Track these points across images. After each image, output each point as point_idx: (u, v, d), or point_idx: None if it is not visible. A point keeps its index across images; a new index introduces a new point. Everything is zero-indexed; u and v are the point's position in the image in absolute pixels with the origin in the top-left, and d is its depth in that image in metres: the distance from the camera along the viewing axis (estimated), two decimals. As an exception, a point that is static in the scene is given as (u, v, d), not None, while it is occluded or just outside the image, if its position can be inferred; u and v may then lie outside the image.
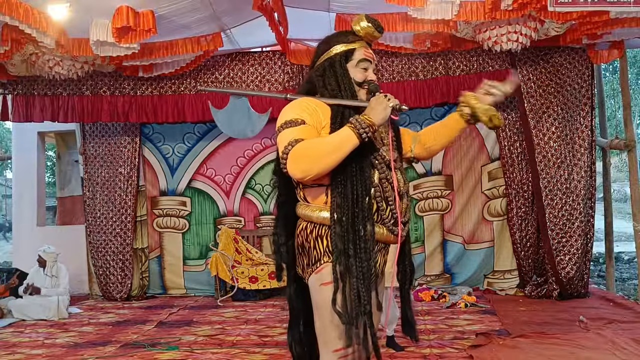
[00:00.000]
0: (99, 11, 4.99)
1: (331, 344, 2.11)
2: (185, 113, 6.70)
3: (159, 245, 7.61)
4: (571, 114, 6.20)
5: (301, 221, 2.22)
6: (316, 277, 2.14)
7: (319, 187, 2.17)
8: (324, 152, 2.04)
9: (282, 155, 2.08)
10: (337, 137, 2.07)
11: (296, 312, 2.34)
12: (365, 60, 2.28)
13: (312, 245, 2.16)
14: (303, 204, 2.22)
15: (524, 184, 6.59)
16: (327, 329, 2.11)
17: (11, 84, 6.64)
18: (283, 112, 2.19)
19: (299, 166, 2.04)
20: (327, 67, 2.28)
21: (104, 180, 7.26)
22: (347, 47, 2.29)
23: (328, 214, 2.13)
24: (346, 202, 2.10)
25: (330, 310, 2.07)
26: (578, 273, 6.08)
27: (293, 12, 5.48)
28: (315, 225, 2.17)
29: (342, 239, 2.09)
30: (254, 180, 7.59)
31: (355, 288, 2.06)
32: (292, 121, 2.12)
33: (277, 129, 2.15)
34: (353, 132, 2.05)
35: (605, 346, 4.14)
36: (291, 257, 2.30)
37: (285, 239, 2.29)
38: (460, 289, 6.46)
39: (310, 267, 2.16)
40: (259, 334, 5.18)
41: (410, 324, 2.42)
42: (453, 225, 7.17)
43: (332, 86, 2.24)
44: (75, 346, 4.99)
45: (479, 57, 6.36)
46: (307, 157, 2.04)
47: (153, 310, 6.55)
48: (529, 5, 4.70)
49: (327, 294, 2.09)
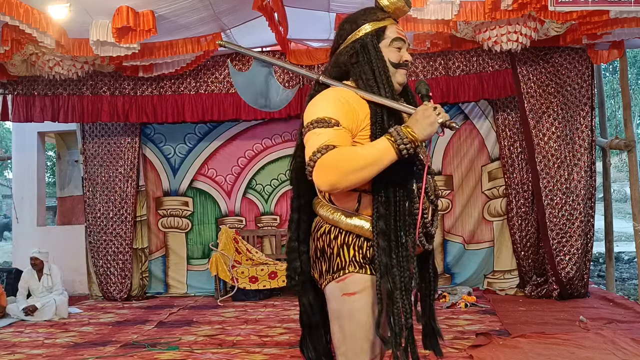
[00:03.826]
0: (99, 11, 4.99)
1: (355, 357, 1.96)
2: (185, 113, 6.72)
3: (164, 245, 7.63)
4: (571, 114, 6.20)
5: (322, 223, 2.03)
6: (338, 286, 1.96)
7: (350, 191, 1.95)
8: (356, 167, 1.80)
9: (309, 162, 1.84)
10: (374, 151, 1.83)
11: (315, 322, 2.13)
12: (399, 39, 2.05)
13: (336, 252, 1.96)
14: (327, 205, 2.01)
15: (524, 184, 6.59)
16: (348, 341, 1.96)
17: (11, 84, 6.64)
18: (315, 104, 1.96)
19: (327, 179, 1.80)
20: (359, 50, 2.03)
21: (104, 180, 7.26)
22: (377, 25, 2.05)
23: (359, 222, 1.95)
24: (389, 212, 1.91)
25: (354, 323, 1.94)
26: (578, 273, 6.08)
27: (293, 12, 5.49)
28: (340, 232, 1.97)
29: (386, 253, 1.89)
30: (254, 181, 7.60)
31: (399, 301, 1.89)
32: (324, 120, 1.87)
33: (307, 125, 1.91)
34: (392, 146, 1.81)
35: (605, 346, 4.14)
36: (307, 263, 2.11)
37: (305, 244, 2.10)
38: (460, 289, 6.46)
39: (331, 274, 1.97)
40: (259, 334, 5.17)
41: (435, 338, 2.20)
42: (453, 225, 7.17)
43: (367, 75, 2.00)
44: (75, 346, 4.99)
45: (479, 57, 6.36)
46: (337, 170, 1.80)
47: (153, 310, 6.55)
48: (529, 5, 4.70)
49: (350, 306, 1.94)
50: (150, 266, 7.51)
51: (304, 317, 2.16)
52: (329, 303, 2.02)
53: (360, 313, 1.94)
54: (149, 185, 7.61)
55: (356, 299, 1.94)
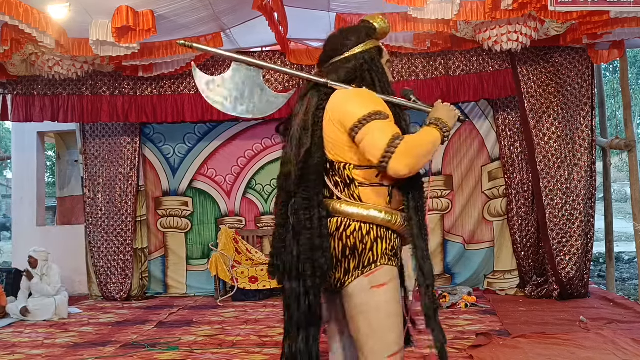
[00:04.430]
0: (99, 11, 4.99)
1: (385, 349, 2.03)
2: (184, 113, 6.71)
3: (163, 245, 7.62)
4: (571, 114, 6.19)
5: (349, 221, 2.08)
6: (367, 280, 2.05)
7: (381, 187, 2.10)
8: (426, 152, 2.03)
9: (388, 151, 1.96)
10: (431, 138, 2.06)
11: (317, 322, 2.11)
12: (390, 60, 2.31)
13: (369, 247, 2.05)
14: (356, 203, 2.08)
15: (524, 184, 6.59)
16: (377, 335, 2.03)
17: (11, 84, 6.63)
18: (353, 101, 2.08)
19: (408, 162, 1.97)
20: (369, 61, 2.21)
21: (105, 180, 7.25)
22: (376, 44, 2.27)
23: (392, 216, 2.08)
24: (418, 204, 2.12)
25: (383, 314, 2.03)
26: (578, 273, 6.07)
27: (293, 12, 5.48)
28: (372, 227, 2.06)
29: (420, 238, 2.09)
30: (254, 181, 7.59)
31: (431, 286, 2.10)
32: (379, 113, 2.03)
33: (361, 119, 2.01)
34: (440, 134, 2.07)
35: (606, 346, 4.14)
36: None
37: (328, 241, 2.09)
38: (460, 289, 6.45)
39: (360, 269, 2.05)
40: (259, 334, 5.17)
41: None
42: (453, 226, 7.16)
43: (382, 83, 2.20)
44: (75, 346, 4.98)
45: (479, 57, 6.35)
46: (415, 156, 1.98)
47: (153, 310, 6.54)
48: (529, 5, 4.70)
49: (379, 298, 2.04)
50: (149, 266, 7.51)
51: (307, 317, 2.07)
52: (352, 299, 2.07)
53: (389, 304, 2.06)
54: (148, 186, 7.60)
55: (385, 290, 2.05)
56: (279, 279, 2.14)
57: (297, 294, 2.07)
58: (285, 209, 2.12)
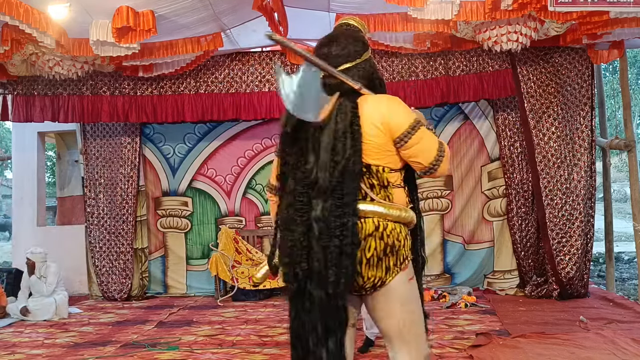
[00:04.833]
0: (99, 11, 4.99)
1: (423, 335, 2.29)
2: (184, 113, 6.71)
3: (163, 245, 7.62)
4: (571, 114, 6.20)
5: (386, 222, 2.17)
6: (405, 273, 2.22)
7: (401, 188, 2.28)
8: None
9: (440, 154, 2.24)
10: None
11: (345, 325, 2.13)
12: None
13: (403, 244, 2.22)
14: (389, 204, 2.20)
15: (524, 184, 6.59)
16: (418, 322, 2.27)
17: (11, 84, 6.64)
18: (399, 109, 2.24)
19: (449, 165, 2.34)
20: (375, 70, 2.39)
21: (105, 180, 7.26)
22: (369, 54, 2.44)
23: (412, 213, 2.27)
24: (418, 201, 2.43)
25: (418, 303, 2.28)
26: (578, 273, 6.08)
27: (293, 12, 5.48)
28: (402, 225, 2.23)
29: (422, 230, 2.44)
30: (254, 181, 7.59)
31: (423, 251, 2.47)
32: (420, 120, 2.26)
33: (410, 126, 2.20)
34: None
35: (606, 346, 4.15)
36: None
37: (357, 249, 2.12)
38: (460, 289, 6.46)
39: (398, 265, 2.20)
40: (259, 334, 5.18)
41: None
42: (453, 226, 7.16)
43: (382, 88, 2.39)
44: (75, 346, 4.99)
45: (479, 57, 6.35)
46: (449, 159, 2.32)
47: (153, 310, 6.55)
48: (529, 5, 4.70)
49: (414, 289, 2.27)
50: (149, 266, 7.51)
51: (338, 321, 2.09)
52: (394, 293, 2.20)
53: (418, 295, 2.31)
54: (148, 186, 7.60)
55: (414, 282, 2.28)
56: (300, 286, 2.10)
57: (326, 300, 2.05)
58: (307, 215, 2.10)
